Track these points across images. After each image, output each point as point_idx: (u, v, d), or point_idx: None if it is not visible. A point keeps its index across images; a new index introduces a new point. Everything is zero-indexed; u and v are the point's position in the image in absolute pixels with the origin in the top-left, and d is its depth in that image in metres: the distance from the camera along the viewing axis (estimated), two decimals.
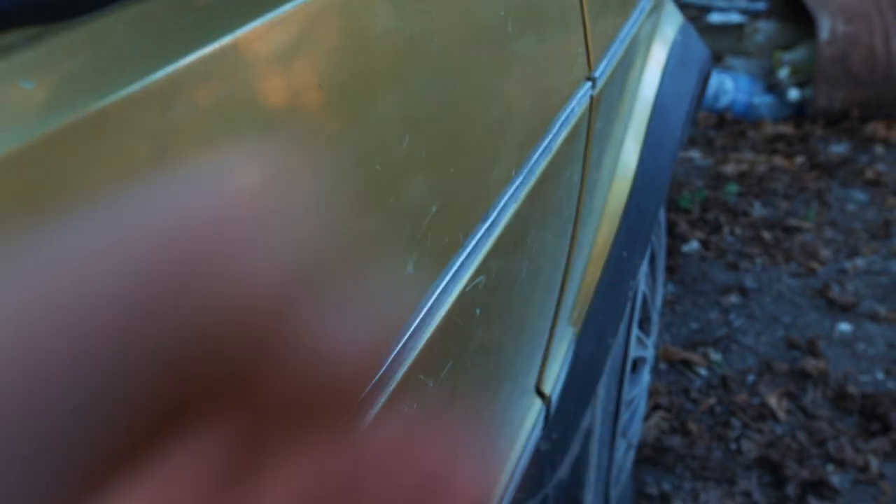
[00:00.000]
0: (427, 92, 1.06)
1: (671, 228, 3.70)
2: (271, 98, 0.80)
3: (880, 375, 3.05)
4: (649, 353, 2.54)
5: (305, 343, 0.38)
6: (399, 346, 1.02)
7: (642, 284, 2.33)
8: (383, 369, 0.98)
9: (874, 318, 3.31)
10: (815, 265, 3.60)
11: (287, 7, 0.81)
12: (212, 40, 0.72)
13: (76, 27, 0.66)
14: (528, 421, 1.59)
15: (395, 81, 0.99)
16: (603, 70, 1.72)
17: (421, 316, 1.06)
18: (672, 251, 3.69)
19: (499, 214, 1.21)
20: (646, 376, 2.54)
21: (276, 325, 0.38)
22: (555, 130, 1.43)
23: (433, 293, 1.09)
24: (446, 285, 1.11)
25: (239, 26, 0.75)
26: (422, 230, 1.04)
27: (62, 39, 0.65)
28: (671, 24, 2.45)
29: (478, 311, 1.22)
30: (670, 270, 3.55)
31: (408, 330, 1.03)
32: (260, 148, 0.77)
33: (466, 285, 1.15)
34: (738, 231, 3.78)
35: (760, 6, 5.55)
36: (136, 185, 0.66)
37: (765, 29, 5.39)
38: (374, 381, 0.95)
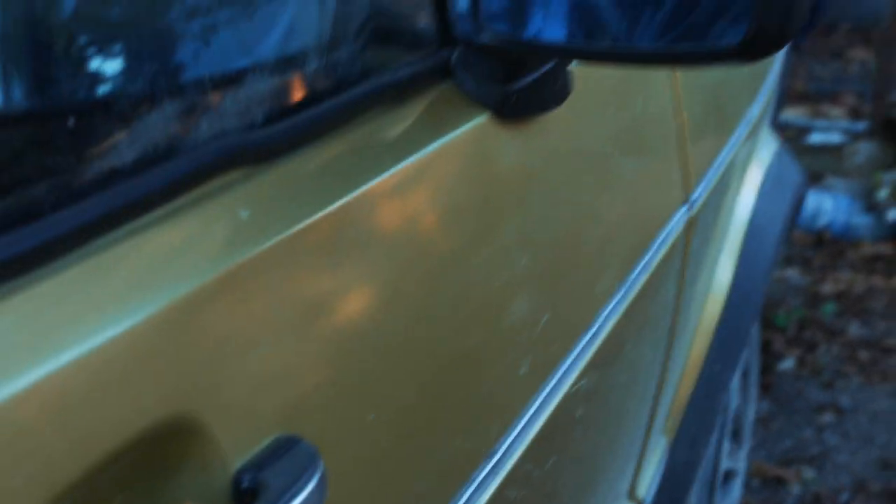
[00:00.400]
0: (544, 217, 1.19)
1: (767, 346, 3.72)
2: (422, 223, 0.95)
3: None
4: (741, 466, 2.61)
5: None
6: (512, 436, 1.12)
7: (735, 398, 2.41)
8: (498, 455, 1.10)
9: None
10: None
11: (432, 147, 0.97)
12: (376, 175, 0.88)
13: (277, 167, 0.83)
14: None
15: (517, 209, 1.12)
16: (700, 194, 1.79)
17: (530, 413, 1.16)
18: (767, 368, 3.63)
19: (601, 325, 1.31)
20: (737, 489, 2.60)
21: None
22: (654, 249, 1.52)
23: (541, 393, 1.20)
24: (553, 387, 1.22)
25: (393, 165, 0.91)
26: (535, 338, 1.15)
27: (267, 176, 0.81)
28: (767, 148, 2.54)
29: (579, 413, 1.33)
30: (765, 388, 3.52)
31: (519, 423, 1.14)
32: (409, 262, 0.94)
33: (570, 388, 1.25)
34: (834, 350, 3.76)
35: (861, 127, 5.60)
36: (318, 291, 0.83)
37: (865, 150, 5.43)
38: (490, 464, 1.07)
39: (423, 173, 0.96)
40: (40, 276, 0.64)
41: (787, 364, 3.72)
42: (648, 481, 1.73)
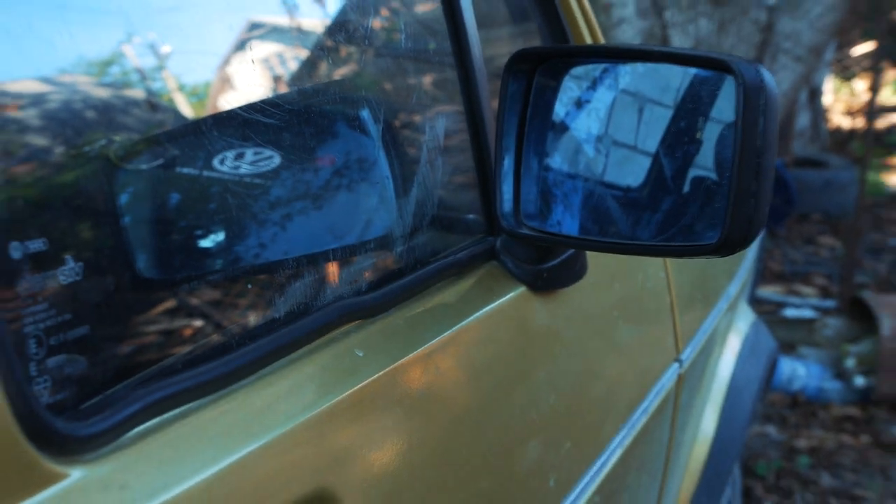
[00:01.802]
0: (565, 367, 1.24)
1: (748, 492, 3.67)
2: (476, 368, 1.05)
3: None
4: None
5: None
6: None
7: None
8: None
9: None
10: None
11: (483, 312, 1.06)
12: (445, 330, 0.99)
13: (379, 320, 0.94)
14: None
15: (546, 360, 1.20)
16: (688, 354, 1.80)
17: None
18: None
19: (609, 455, 1.34)
20: None
21: None
22: (650, 398, 1.54)
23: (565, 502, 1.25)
24: (574, 500, 1.24)
25: (456, 324, 1.01)
26: (560, 460, 1.19)
27: (373, 327, 0.93)
28: (744, 320, 2.56)
29: None
30: None
31: None
32: (468, 395, 1.04)
33: (587, 502, 1.27)
34: (808, 497, 3.73)
35: (830, 304, 5.59)
36: (410, 407, 0.92)
37: (833, 324, 5.40)
38: None
39: (477, 331, 1.05)
40: (232, 393, 0.75)
41: None
42: None
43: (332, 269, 0.97)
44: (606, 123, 1.17)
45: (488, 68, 1.20)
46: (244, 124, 0.88)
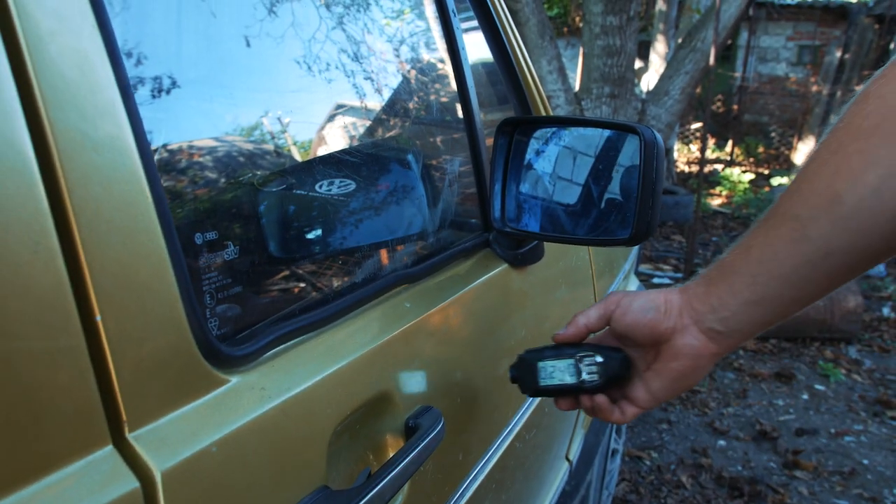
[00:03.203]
0: (533, 313, 1.22)
1: None
2: (475, 313, 1.03)
3: (739, 468, 3.03)
4: (621, 448, 2.62)
5: None
6: (513, 420, 1.17)
7: None
8: (508, 428, 1.15)
9: (737, 438, 3.30)
10: (707, 410, 3.58)
11: (481, 280, 1.05)
12: (457, 291, 0.98)
13: (418, 284, 0.93)
14: (561, 472, 1.64)
15: (520, 309, 1.17)
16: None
17: (520, 413, 1.20)
18: None
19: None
20: (618, 460, 2.59)
21: None
22: None
23: (526, 403, 1.26)
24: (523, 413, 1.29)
25: (463, 288, 1.00)
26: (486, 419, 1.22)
27: (415, 289, 0.91)
28: (633, 284, 2.50)
29: (545, 417, 1.33)
30: None
31: (517, 416, 1.18)
32: (470, 326, 1.03)
33: (538, 406, 1.33)
34: None
35: (679, 276, 5.58)
36: (439, 335, 0.89)
37: None
38: (492, 449, 1.09)
39: (477, 291, 1.04)
40: (331, 331, 0.74)
41: None
42: (575, 451, 1.73)
43: (391, 251, 0.96)
44: (554, 165, 1.16)
45: (485, 127, 1.19)
46: (333, 164, 0.88)
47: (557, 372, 0.88)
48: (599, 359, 0.86)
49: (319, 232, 0.87)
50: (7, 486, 0.42)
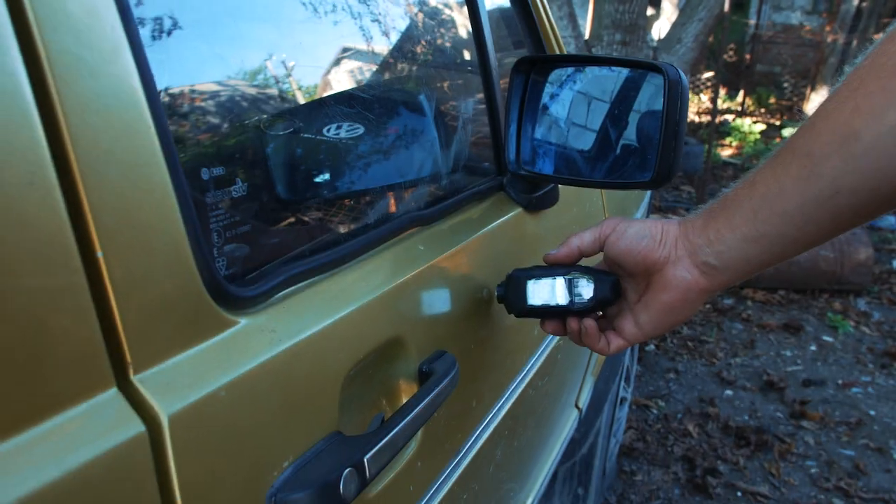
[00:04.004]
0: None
1: None
2: (489, 254, 1.00)
3: (746, 417, 3.06)
4: (629, 396, 2.65)
5: None
6: (525, 369, 1.16)
7: (626, 360, 2.41)
8: (518, 379, 1.14)
9: (744, 388, 3.31)
10: (714, 360, 3.58)
11: (496, 223, 1.02)
12: (471, 235, 0.95)
13: (432, 227, 0.90)
14: (571, 419, 1.64)
15: (533, 252, 1.14)
16: None
17: (536, 356, 1.19)
18: (640, 349, 3.54)
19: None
20: (626, 408, 2.61)
21: None
22: None
23: (542, 346, 1.22)
24: (545, 347, 1.25)
25: (478, 231, 0.97)
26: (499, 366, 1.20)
27: (428, 231, 0.88)
28: None
29: (558, 362, 1.33)
30: (639, 359, 3.47)
31: (529, 362, 1.17)
32: (481, 267, 1.01)
33: (552, 349, 1.30)
34: (675, 341, 3.73)
35: None
36: (452, 274, 0.87)
37: None
38: (504, 395, 1.08)
39: (492, 235, 1.01)
40: (342, 273, 0.72)
41: (650, 348, 3.72)
42: (585, 398, 1.73)
43: (403, 194, 0.93)
44: (568, 110, 1.12)
45: (500, 69, 1.16)
46: (340, 107, 0.85)
47: (546, 291, 0.86)
48: (590, 280, 0.84)
49: (328, 175, 0.85)
50: (7, 430, 0.40)
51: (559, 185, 1.24)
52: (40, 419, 0.41)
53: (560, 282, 0.85)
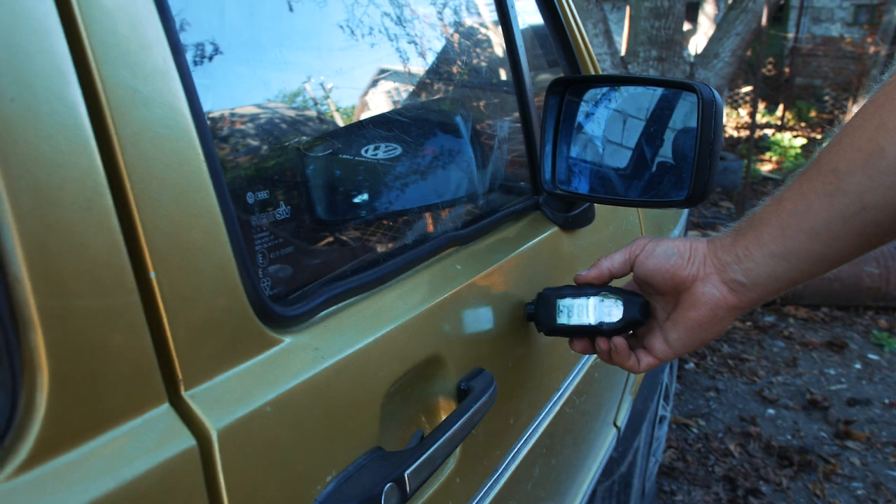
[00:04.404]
0: None
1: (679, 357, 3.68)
2: (526, 274, 1.01)
3: (789, 437, 2.99)
4: (668, 415, 2.60)
5: None
6: (562, 388, 1.16)
7: (665, 378, 2.38)
8: (559, 393, 1.14)
9: (787, 407, 3.26)
10: (756, 379, 3.53)
11: (532, 243, 1.03)
12: (509, 253, 0.96)
13: (469, 246, 0.91)
14: (609, 438, 1.63)
15: (569, 270, 1.14)
16: None
17: (573, 375, 1.19)
18: (679, 367, 3.54)
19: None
20: (665, 427, 2.58)
21: None
22: None
23: (576, 368, 1.23)
24: (580, 368, 1.27)
25: (515, 251, 0.98)
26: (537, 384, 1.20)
27: (466, 251, 0.89)
28: None
29: (595, 381, 1.32)
30: (679, 378, 3.44)
31: (567, 380, 1.17)
32: (517, 285, 1.02)
33: (587, 371, 1.30)
34: (715, 359, 3.68)
35: None
36: (489, 294, 0.88)
37: None
38: (542, 413, 1.08)
39: (528, 254, 1.02)
40: (382, 292, 0.73)
41: (690, 366, 3.67)
42: (623, 416, 1.73)
43: (440, 214, 0.94)
44: (604, 128, 1.13)
45: (535, 90, 1.17)
46: (378, 128, 0.86)
47: (576, 311, 0.88)
48: (619, 301, 0.85)
49: (366, 196, 0.86)
50: (67, 443, 0.42)
51: (595, 204, 1.23)
52: (98, 433, 0.43)
53: (590, 302, 0.86)
